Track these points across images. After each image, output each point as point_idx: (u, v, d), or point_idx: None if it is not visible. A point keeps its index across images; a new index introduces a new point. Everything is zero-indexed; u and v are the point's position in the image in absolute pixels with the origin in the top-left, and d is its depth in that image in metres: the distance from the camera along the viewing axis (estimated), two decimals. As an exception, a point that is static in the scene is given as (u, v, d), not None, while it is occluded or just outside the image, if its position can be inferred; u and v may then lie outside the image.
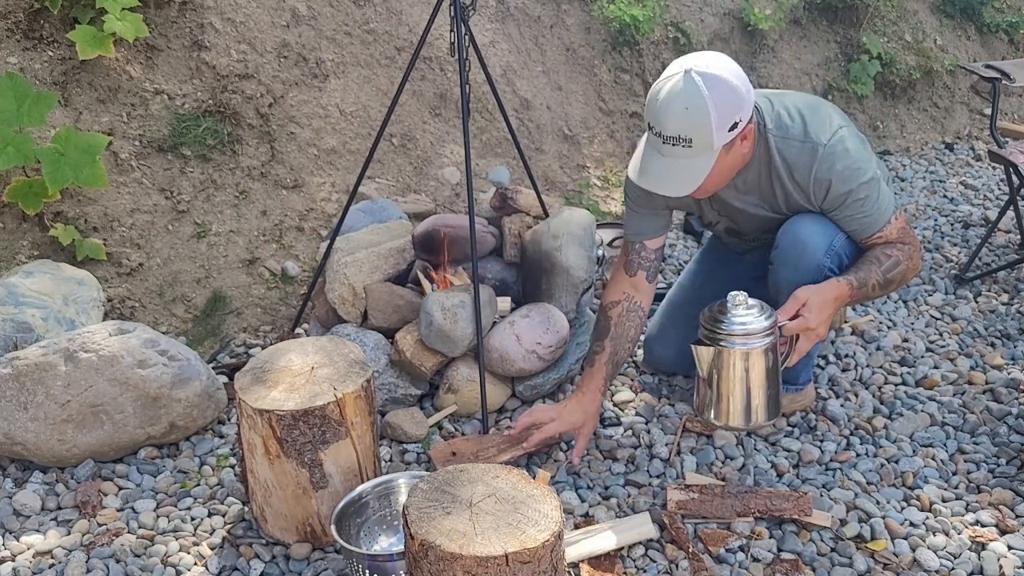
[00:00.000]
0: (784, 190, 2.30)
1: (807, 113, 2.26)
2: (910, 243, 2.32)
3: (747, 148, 2.20)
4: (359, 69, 3.57)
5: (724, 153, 2.11)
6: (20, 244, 2.88)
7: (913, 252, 2.32)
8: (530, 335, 2.60)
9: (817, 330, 2.15)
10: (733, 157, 2.17)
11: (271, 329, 3.02)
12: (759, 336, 2.05)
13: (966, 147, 4.97)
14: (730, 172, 2.24)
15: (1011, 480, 2.41)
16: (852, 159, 2.21)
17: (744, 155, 2.21)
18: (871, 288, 2.27)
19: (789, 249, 2.33)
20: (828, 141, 2.21)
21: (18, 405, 2.29)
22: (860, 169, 2.22)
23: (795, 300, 2.15)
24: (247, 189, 3.22)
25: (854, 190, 2.22)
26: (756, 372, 2.08)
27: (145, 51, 3.19)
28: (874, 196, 2.25)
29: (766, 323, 2.05)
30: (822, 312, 2.16)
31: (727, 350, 2.06)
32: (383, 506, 2.13)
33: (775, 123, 2.25)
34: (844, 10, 4.89)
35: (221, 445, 2.52)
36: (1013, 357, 2.97)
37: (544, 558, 1.63)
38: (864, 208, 2.26)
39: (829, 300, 2.19)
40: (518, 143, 2.99)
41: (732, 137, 2.09)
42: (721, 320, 2.06)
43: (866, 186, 2.23)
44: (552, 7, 4.16)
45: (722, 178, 2.23)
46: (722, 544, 2.17)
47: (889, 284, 2.30)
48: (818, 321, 2.15)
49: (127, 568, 2.09)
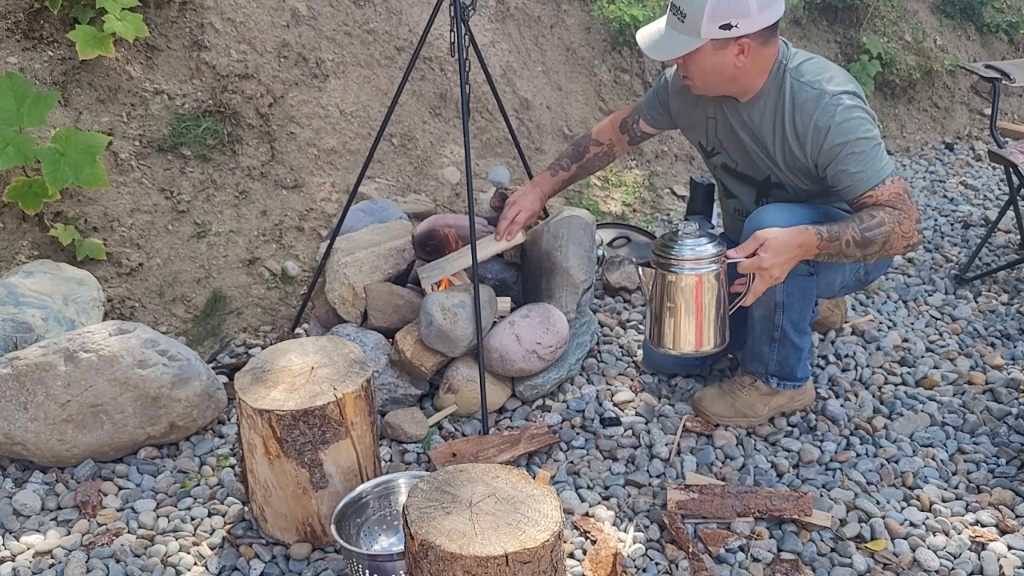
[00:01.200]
0: (783, 135, 2.32)
1: (832, 70, 2.31)
2: (903, 209, 2.20)
3: (742, 64, 2.25)
4: (359, 69, 3.57)
5: (712, 50, 2.22)
6: (20, 244, 2.88)
7: (904, 219, 2.20)
8: (530, 335, 2.60)
9: (771, 271, 2.11)
10: (724, 62, 2.24)
11: (271, 329, 3.02)
12: (708, 261, 2.07)
13: (966, 147, 4.97)
14: (721, 77, 2.29)
15: (1011, 480, 2.41)
16: (854, 114, 2.22)
17: (738, 70, 2.27)
18: (845, 244, 2.17)
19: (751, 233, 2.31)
20: (835, 92, 2.24)
21: (18, 405, 2.29)
22: (859, 124, 2.22)
23: (755, 239, 2.13)
24: (247, 189, 3.22)
25: (850, 142, 2.21)
26: (705, 297, 2.10)
27: (145, 51, 3.19)
28: (869, 153, 2.22)
29: (715, 250, 2.08)
30: (780, 254, 2.11)
31: (678, 274, 2.08)
32: (383, 506, 2.13)
33: (797, 66, 2.31)
34: (844, 10, 4.89)
35: (221, 445, 2.52)
36: (1013, 357, 2.97)
37: (544, 558, 1.63)
38: (858, 163, 2.22)
39: (791, 244, 2.13)
40: (518, 143, 2.99)
41: (723, 36, 2.18)
42: (671, 246, 2.09)
43: (863, 141, 2.22)
44: (552, 7, 4.16)
45: (712, 79, 2.30)
46: (722, 544, 2.17)
47: (869, 244, 2.18)
48: (773, 262, 2.10)
49: (127, 568, 2.09)
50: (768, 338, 2.47)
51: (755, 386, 2.56)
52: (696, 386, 2.77)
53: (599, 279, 3.27)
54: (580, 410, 2.66)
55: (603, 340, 3.00)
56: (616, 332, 3.05)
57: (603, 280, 3.28)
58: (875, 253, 2.21)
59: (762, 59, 2.28)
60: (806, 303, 2.41)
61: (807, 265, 2.30)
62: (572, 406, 2.67)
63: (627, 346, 2.97)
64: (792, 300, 2.38)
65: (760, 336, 2.48)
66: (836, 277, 2.45)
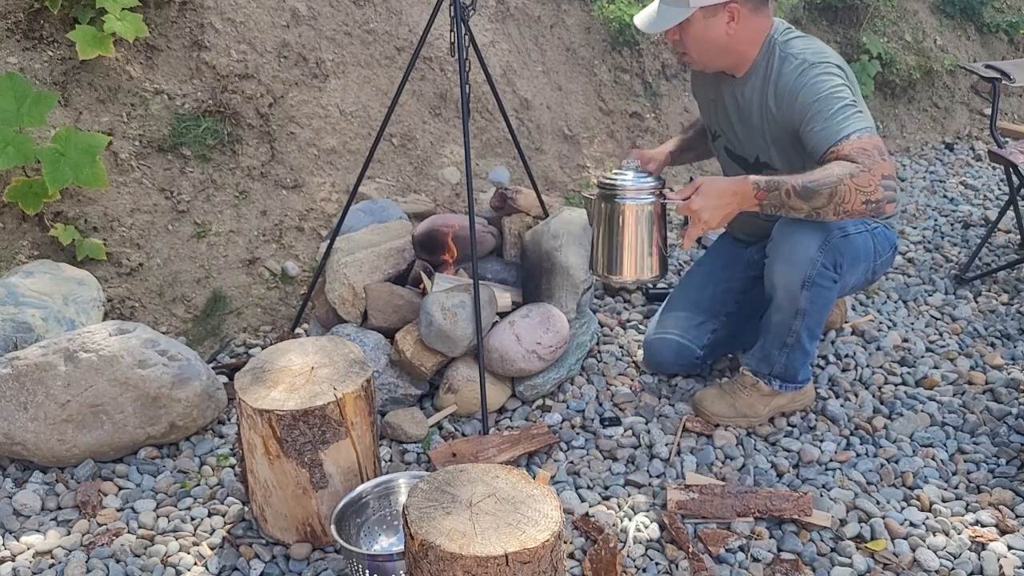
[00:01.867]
0: (767, 105, 2.35)
1: (820, 46, 2.33)
2: (863, 163, 2.10)
3: (734, 32, 2.29)
4: (359, 69, 3.57)
5: (702, 18, 2.28)
6: (20, 244, 2.88)
7: (861, 171, 2.09)
8: (530, 335, 2.60)
9: (701, 214, 2.15)
10: (715, 30, 2.30)
11: (271, 329, 3.02)
12: (646, 193, 2.22)
13: (966, 147, 4.97)
14: (714, 47, 2.33)
15: (1011, 480, 2.41)
16: (824, 76, 2.23)
17: (730, 39, 2.31)
18: (785, 194, 2.13)
19: (783, 243, 2.34)
20: (815, 62, 2.27)
21: (18, 405, 2.29)
22: (827, 83, 2.23)
23: (692, 184, 2.19)
24: (247, 189, 3.22)
25: (818, 99, 2.21)
26: (642, 228, 2.22)
27: (145, 51, 3.19)
28: (836, 110, 2.19)
29: (653, 184, 2.22)
30: (710, 198, 2.15)
31: (618, 204, 2.21)
32: (383, 506, 2.13)
33: (786, 40, 2.33)
34: (844, 10, 4.89)
35: (221, 445, 2.52)
36: (1013, 357, 2.97)
37: (544, 558, 1.63)
38: (823, 120, 2.19)
39: (724, 191, 2.16)
40: (518, 143, 2.99)
41: (711, 3, 2.24)
42: (615, 179, 2.23)
43: (829, 99, 2.21)
44: (552, 7, 4.16)
45: (706, 49, 2.34)
46: (722, 544, 2.17)
47: (813, 195, 2.11)
48: (703, 205, 2.14)
49: (127, 568, 2.09)
50: (781, 343, 2.46)
51: (756, 387, 2.56)
52: (696, 386, 2.77)
53: (604, 279, 3.27)
54: (580, 410, 2.66)
55: (603, 340, 3.00)
56: (616, 332, 3.05)
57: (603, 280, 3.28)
58: (824, 207, 2.13)
59: (753, 28, 2.32)
60: (824, 311, 2.43)
61: (832, 272, 2.31)
62: (572, 406, 2.67)
63: (627, 346, 2.97)
64: (813, 308, 2.38)
65: (773, 340, 2.48)
66: (851, 279, 2.47)
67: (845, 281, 2.43)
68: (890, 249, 2.55)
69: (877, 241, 2.48)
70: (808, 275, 2.32)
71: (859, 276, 2.50)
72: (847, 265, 2.36)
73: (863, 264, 2.46)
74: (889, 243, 2.54)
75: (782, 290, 2.38)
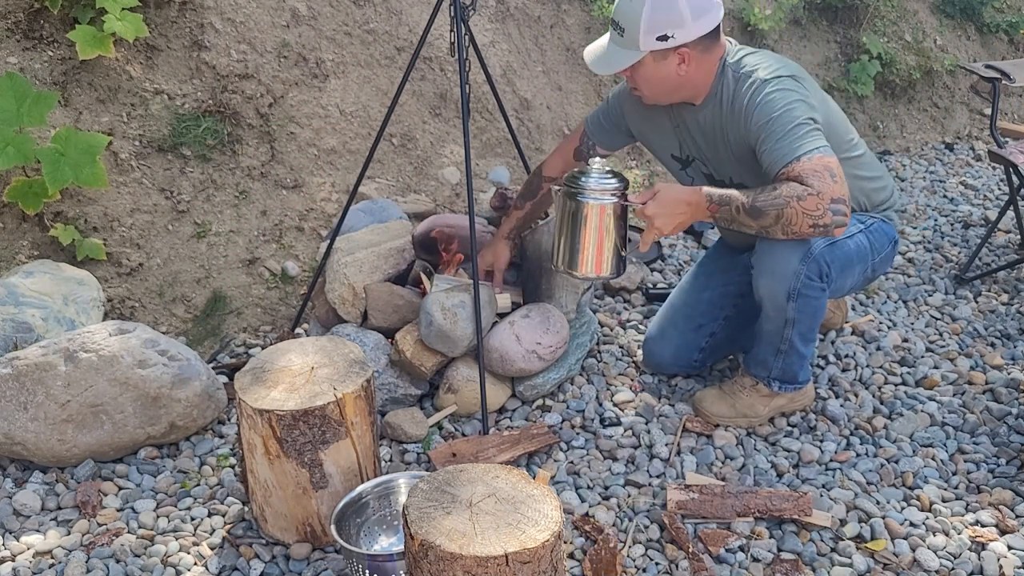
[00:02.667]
0: (725, 125, 2.34)
1: (771, 59, 2.31)
2: (813, 186, 2.11)
3: (685, 72, 2.28)
4: (359, 69, 3.57)
5: (653, 61, 2.27)
6: (20, 244, 2.88)
7: (810, 194, 2.10)
8: (530, 335, 2.60)
9: (655, 220, 2.19)
10: (666, 72, 2.28)
11: (271, 329, 3.02)
12: (608, 194, 2.25)
13: (966, 147, 4.97)
14: (666, 86, 2.32)
15: (1011, 480, 2.41)
16: (779, 94, 2.22)
17: (682, 78, 2.30)
18: (735, 210, 2.18)
19: (765, 255, 2.34)
20: (766, 78, 2.25)
21: (18, 405, 2.29)
22: (781, 102, 2.21)
23: (651, 190, 2.23)
24: (247, 189, 3.22)
25: (772, 119, 2.20)
26: (602, 226, 2.27)
27: (145, 51, 3.19)
28: (790, 129, 2.18)
29: (615, 186, 2.26)
30: (665, 206, 2.19)
31: (580, 202, 2.25)
32: (383, 506, 2.13)
33: (737, 60, 2.32)
34: (844, 10, 4.89)
35: (221, 445, 2.52)
36: (1013, 357, 2.97)
37: (544, 558, 1.63)
38: (776, 140, 2.19)
39: (679, 200, 2.20)
40: (518, 143, 2.99)
41: (662, 47, 2.23)
42: (579, 177, 2.27)
43: (784, 118, 2.19)
44: (552, 7, 4.16)
45: (658, 88, 2.34)
46: (722, 544, 2.17)
47: (760, 215, 2.15)
48: (656, 212, 2.19)
49: (127, 568, 2.09)
50: (775, 349, 2.47)
51: (756, 388, 2.56)
52: (696, 386, 2.77)
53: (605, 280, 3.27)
54: (580, 410, 2.66)
55: (603, 340, 3.00)
56: (616, 332, 3.05)
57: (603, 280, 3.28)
58: (771, 227, 2.17)
59: (706, 65, 2.31)
60: (816, 318, 2.42)
61: (818, 282, 2.31)
62: (572, 406, 2.67)
63: (627, 346, 2.97)
64: (803, 317, 2.38)
65: (767, 347, 2.48)
66: (847, 282, 2.46)
67: (838, 285, 2.42)
68: (889, 244, 2.53)
69: (873, 238, 2.47)
70: (792, 287, 2.32)
71: (856, 277, 2.49)
72: (836, 272, 2.35)
73: (858, 266, 2.44)
74: (888, 238, 2.52)
75: (768, 302, 2.39)
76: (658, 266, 3.50)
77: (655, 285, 3.36)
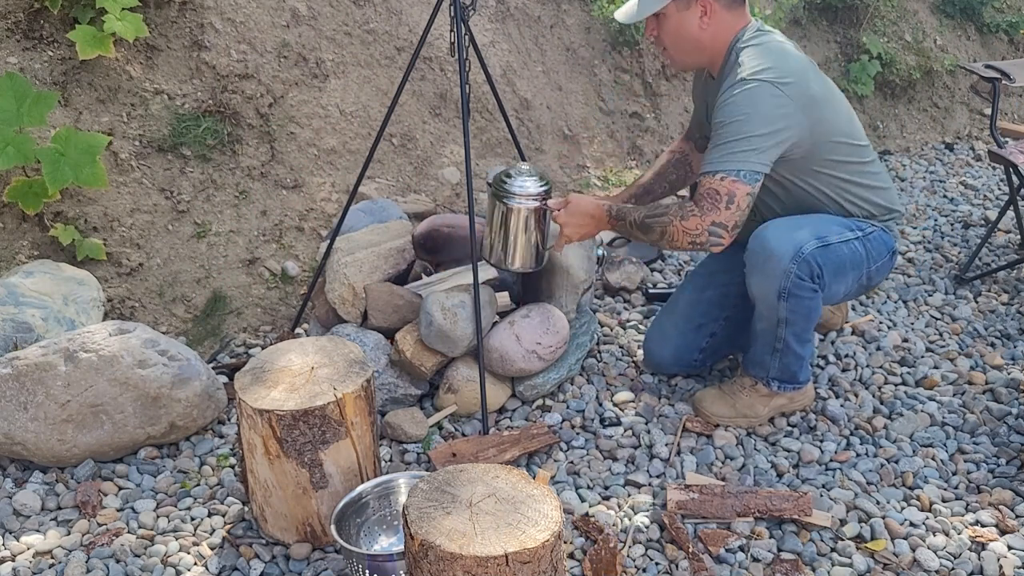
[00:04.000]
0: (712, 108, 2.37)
1: (768, 57, 2.27)
2: (703, 208, 2.24)
3: (707, 26, 2.32)
4: (359, 69, 3.57)
5: (676, 11, 2.31)
6: (20, 244, 2.88)
7: (693, 215, 2.24)
8: (530, 335, 2.60)
9: (564, 228, 2.43)
10: (689, 23, 2.33)
11: (271, 329, 3.02)
12: (530, 199, 2.43)
13: (966, 147, 4.97)
14: (689, 42, 2.36)
15: (1011, 480, 2.41)
16: (746, 98, 2.22)
17: (704, 34, 2.33)
18: (630, 225, 2.37)
19: (756, 255, 2.36)
20: (745, 78, 2.24)
21: (18, 405, 2.29)
22: (739, 109, 2.22)
23: (565, 199, 2.44)
24: (247, 189, 3.22)
25: (723, 123, 2.24)
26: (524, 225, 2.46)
27: (145, 51, 3.19)
28: (727, 143, 2.23)
29: (536, 191, 2.43)
30: (573, 216, 2.41)
31: (508, 206, 2.44)
32: (383, 506, 2.13)
33: (744, 46, 2.31)
34: (844, 10, 4.89)
35: (221, 445, 2.52)
36: (1013, 357, 2.97)
37: (544, 558, 1.63)
38: (714, 143, 2.26)
39: (584, 212, 2.41)
40: (518, 143, 2.99)
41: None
42: (505, 180, 2.44)
43: (732, 126, 2.22)
44: (552, 7, 4.16)
45: (681, 45, 2.37)
46: (722, 544, 2.17)
47: (649, 230, 2.33)
48: (566, 221, 2.42)
49: (127, 568, 2.09)
50: (771, 348, 2.47)
51: (756, 388, 2.56)
52: (696, 386, 2.77)
53: (599, 279, 3.27)
54: (580, 410, 2.66)
55: (603, 340, 3.00)
56: (616, 332, 3.05)
57: (603, 280, 3.28)
58: (658, 240, 2.35)
59: (726, 24, 2.33)
60: (810, 318, 2.42)
61: (809, 282, 2.32)
62: (572, 406, 2.67)
63: (627, 346, 2.97)
64: (795, 317, 2.38)
65: (762, 346, 2.49)
66: (840, 287, 2.46)
67: (832, 290, 2.42)
68: (887, 254, 2.52)
69: (871, 246, 2.45)
70: (783, 286, 2.32)
71: (851, 284, 2.48)
72: (829, 274, 2.35)
73: (852, 272, 2.43)
74: (886, 248, 2.51)
75: (760, 301, 2.40)
76: (658, 266, 3.50)
77: (655, 285, 3.36)
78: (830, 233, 2.36)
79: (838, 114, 2.40)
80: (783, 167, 2.34)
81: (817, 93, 2.32)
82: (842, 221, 2.42)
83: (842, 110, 2.44)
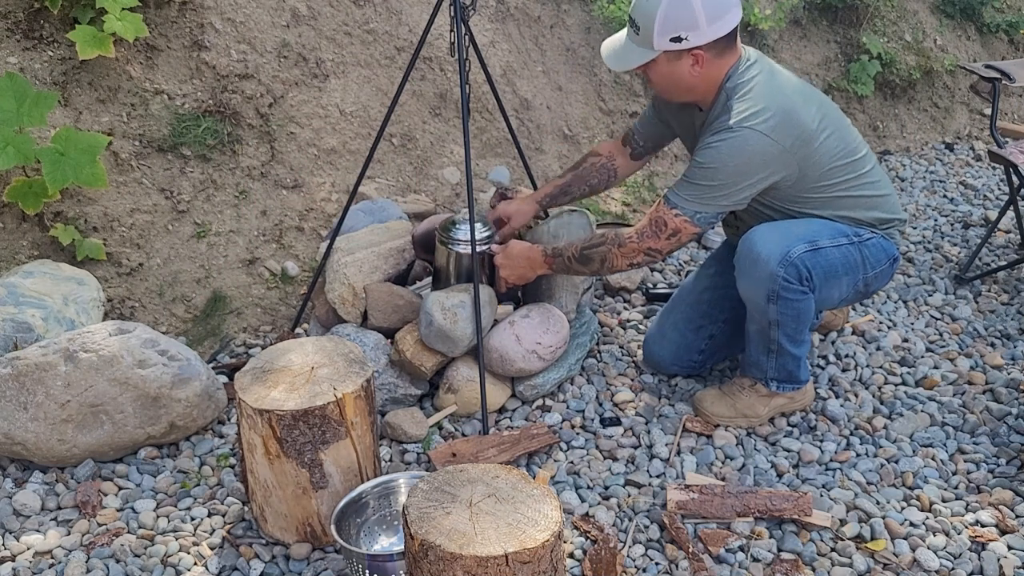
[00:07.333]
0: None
1: (758, 100, 2.26)
2: (643, 235, 2.36)
3: (699, 73, 2.31)
4: (359, 69, 3.57)
5: (667, 61, 2.30)
6: (20, 244, 2.88)
7: (630, 242, 2.37)
8: (530, 335, 2.60)
9: (502, 270, 2.60)
10: (679, 72, 2.31)
11: (271, 329, 3.02)
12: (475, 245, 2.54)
13: (966, 147, 4.97)
14: (679, 86, 2.36)
15: (1011, 480, 2.41)
16: (728, 148, 2.23)
17: (695, 79, 2.32)
18: (567, 260, 2.49)
19: (744, 258, 2.36)
20: (733, 125, 2.25)
21: (18, 405, 2.29)
22: (721, 158, 2.24)
23: (504, 245, 2.61)
24: (247, 189, 3.22)
25: (698, 164, 2.29)
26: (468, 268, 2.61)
27: (145, 51, 3.19)
28: (693, 183, 2.30)
29: (482, 236, 2.57)
30: (510, 259, 2.58)
31: (451, 251, 2.64)
32: (383, 506, 2.13)
33: (736, 86, 2.31)
34: (844, 10, 4.89)
35: (221, 445, 2.52)
36: (1013, 357, 2.97)
37: (544, 558, 1.63)
38: (680, 181, 2.33)
39: (519, 256, 2.57)
40: (518, 143, 2.99)
41: (675, 48, 2.26)
42: (450, 229, 2.64)
43: (704, 173, 2.27)
44: (552, 7, 4.16)
45: (671, 87, 2.37)
46: (722, 544, 2.17)
47: (589, 261, 2.45)
48: (503, 263, 2.59)
49: (127, 568, 2.09)
50: (765, 350, 2.48)
51: (755, 388, 2.56)
52: (696, 386, 2.77)
53: (599, 279, 3.27)
54: (580, 410, 2.66)
55: (603, 340, 3.00)
56: (616, 332, 3.05)
57: (603, 280, 3.28)
58: (598, 269, 2.47)
59: (716, 67, 2.31)
60: (801, 320, 2.41)
61: (799, 285, 2.32)
62: (572, 406, 2.67)
63: (627, 346, 2.97)
64: (786, 319, 2.39)
65: (757, 348, 2.49)
66: (834, 292, 2.45)
67: (824, 294, 2.41)
68: (887, 261, 2.48)
69: (868, 252, 2.43)
70: (771, 290, 2.32)
71: (846, 288, 2.46)
72: (819, 278, 2.35)
73: (846, 276, 2.42)
74: (886, 255, 2.48)
75: (750, 304, 2.42)
76: (658, 266, 3.50)
77: (655, 285, 3.36)
78: (821, 237, 2.36)
79: (832, 137, 2.34)
80: (772, 195, 2.36)
81: (808, 124, 2.27)
82: (836, 227, 2.40)
83: (837, 130, 2.37)
